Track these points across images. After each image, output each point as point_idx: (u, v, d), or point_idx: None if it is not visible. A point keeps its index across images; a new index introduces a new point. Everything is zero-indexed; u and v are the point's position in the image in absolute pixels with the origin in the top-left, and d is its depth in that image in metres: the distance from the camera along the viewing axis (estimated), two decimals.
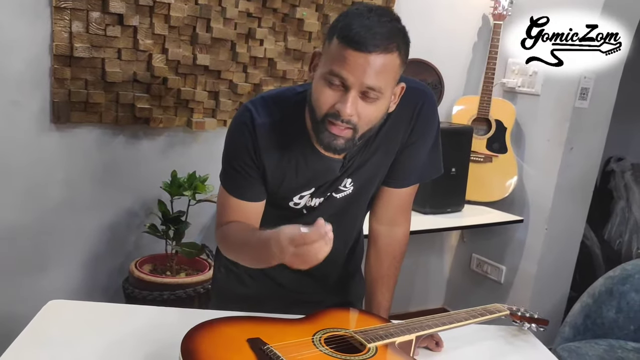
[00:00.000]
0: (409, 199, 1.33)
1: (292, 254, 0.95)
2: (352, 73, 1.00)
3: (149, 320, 1.22)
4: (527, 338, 1.35)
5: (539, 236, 2.76)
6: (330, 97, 1.03)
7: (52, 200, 2.09)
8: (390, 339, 1.07)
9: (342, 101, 1.02)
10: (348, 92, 1.01)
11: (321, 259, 0.95)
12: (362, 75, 1.00)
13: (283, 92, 1.21)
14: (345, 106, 1.02)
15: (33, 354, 1.06)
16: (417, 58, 2.69)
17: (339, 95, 1.03)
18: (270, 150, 1.16)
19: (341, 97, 1.02)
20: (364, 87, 1.01)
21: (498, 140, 2.80)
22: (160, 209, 2.10)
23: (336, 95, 1.03)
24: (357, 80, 1.00)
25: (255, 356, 0.95)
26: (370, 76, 1.00)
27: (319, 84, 1.05)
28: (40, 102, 1.98)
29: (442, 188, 2.56)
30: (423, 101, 1.21)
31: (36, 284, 2.11)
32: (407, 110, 1.19)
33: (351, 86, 1.01)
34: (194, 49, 2.14)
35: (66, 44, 1.92)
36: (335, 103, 1.03)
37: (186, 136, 2.27)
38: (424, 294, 3.25)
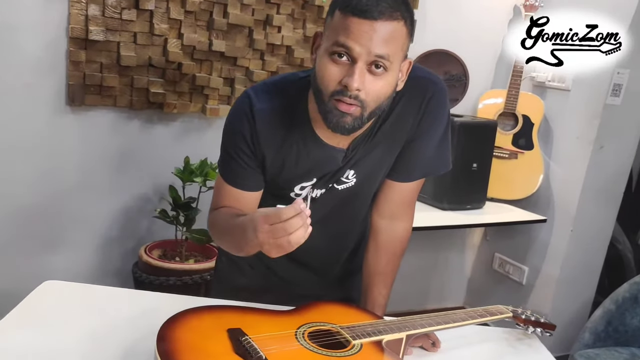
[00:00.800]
0: (413, 194, 1.27)
1: (266, 231, 0.91)
2: (358, 41, 0.95)
3: (141, 305, 1.21)
4: (531, 342, 1.28)
5: (564, 237, 2.66)
6: (336, 72, 0.98)
7: (66, 182, 2.11)
8: (377, 337, 1.03)
9: (349, 74, 0.97)
10: (355, 65, 0.96)
11: (296, 242, 0.91)
12: (369, 42, 0.94)
13: (286, 77, 1.17)
14: (352, 79, 0.96)
15: (19, 332, 1.05)
16: (442, 49, 2.61)
17: (345, 70, 0.97)
18: (270, 137, 1.12)
19: (347, 71, 0.97)
20: (372, 56, 0.96)
21: (524, 136, 2.71)
22: (171, 194, 2.10)
23: (342, 70, 0.98)
24: (364, 49, 0.95)
25: (232, 346, 0.92)
26: (378, 44, 0.95)
27: (323, 61, 1.00)
28: (57, 85, 2.00)
29: (462, 184, 2.49)
30: (432, 92, 1.15)
31: (49, 265, 2.15)
32: (415, 101, 1.13)
33: (357, 57, 0.96)
34: (210, 35, 2.12)
35: (82, 27, 1.93)
36: (341, 78, 0.98)
37: (201, 122, 2.26)
38: (443, 292, 3.18)
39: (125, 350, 1.02)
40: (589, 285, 2.80)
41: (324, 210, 1.20)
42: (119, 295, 1.30)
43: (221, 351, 0.91)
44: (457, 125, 2.40)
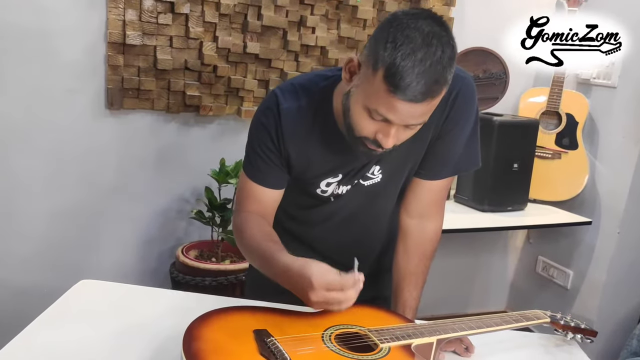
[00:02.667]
0: (442, 193, 1.25)
1: (321, 296, 0.92)
2: (398, 117, 0.95)
3: (174, 305, 1.22)
4: (570, 349, 1.23)
5: (611, 240, 2.55)
6: (372, 125, 0.99)
7: (107, 184, 2.17)
8: (406, 340, 1.00)
9: (384, 133, 0.98)
10: (391, 126, 0.97)
11: (345, 308, 0.93)
12: (409, 119, 0.96)
13: (312, 78, 1.17)
14: (387, 140, 0.98)
15: (54, 329, 1.08)
16: (480, 47, 2.54)
17: (380, 126, 0.98)
18: (295, 135, 1.12)
19: (383, 128, 0.98)
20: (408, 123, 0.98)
21: (568, 135, 2.62)
22: (207, 195, 2.12)
23: (378, 125, 0.99)
24: (403, 122, 0.97)
25: (257, 348, 0.92)
26: (416, 118, 0.97)
27: (357, 109, 0.99)
28: (96, 89, 2.05)
29: (503, 185, 2.43)
30: (459, 87, 1.12)
31: (89, 264, 2.20)
32: None
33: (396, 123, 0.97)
34: (245, 37, 2.14)
35: (119, 32, 1.97)
36: (375, 132, 0.99)
37: (236, 124, 2.27)
38: (485, 296, 3.11)
39: (154, 348, 1.03)
40: (638, 289, 2.68)
41: (351, 206, 1.20)
42: (152, 295, 1.32)
43: (246, 352, 0.90)
44: (496, 124, 2.34)
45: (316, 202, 1.21)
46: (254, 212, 1.17)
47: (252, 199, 1.17)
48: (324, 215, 1.24)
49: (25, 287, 2.10)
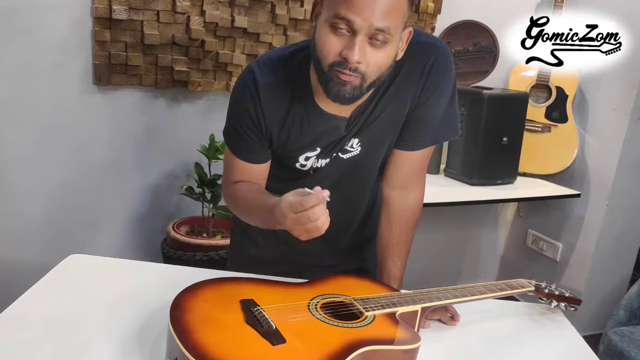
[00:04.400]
0: (422, 163, 1.25)
1: (292, 219, 0.93)
2: (359, 14, 0.93)
3: (161, 278, 1.23)
4: (555, 317, 1.25)
5: (599, 213, 2.57)
6: (336, 43, 0.97)
7: (95, 160, 2.16)
8: (390, 309, 1.02)
9: (349, 47, 0.95)
10: (355, 37, 0.95)
11: (323, 228, 0.93)
12: (370, 16, 0.93)
13: (289, 48, 1.16)
14: (352, 52, 0.95)
15: (42, 303, 1.09)
16: (470, 19, 2.53)
17: (345, 41, 0.96)
18: (274, 111, 1.12)
19: (348, 43, 0.96)
20: (372, 29, 0.94)
21: (558, 108, 2.62)
22: (197, 171, 2.12)
23: (342, 41, 0.96)
24: (365, 22, 0.93)
25: (244, 317, 0.93)
26: (379, 17, 0.93)
27: (322, 31, 0.98)
28: (83, 64, 2.03)
29: (492, 158, 2.43)
30: (435, 56, 1.12)
31: (79, 240, 2.20)
32: (417, 66, 1.10)
33: (358, 30, 0.94)
34: (232, 11, 2.11)
35: (106, 7, 1.94)
36: (341, 50, 0.97)
37: (225, 100, 2.22)
38: (476, 269, 3.14)
39: (143, 319, 1.04)
40: (626, 261, 2.71)
41: (330, 179, 1.20)
42: (141, 268, 1.33)
43: (233, 321, 0.92)
44: (485, 97, 2.34)
45: (296, 175, 1.21)
46: (244, 182, 1.19)
47: (240, 173, 1.19)
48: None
49: (16, 263, 2.11)
